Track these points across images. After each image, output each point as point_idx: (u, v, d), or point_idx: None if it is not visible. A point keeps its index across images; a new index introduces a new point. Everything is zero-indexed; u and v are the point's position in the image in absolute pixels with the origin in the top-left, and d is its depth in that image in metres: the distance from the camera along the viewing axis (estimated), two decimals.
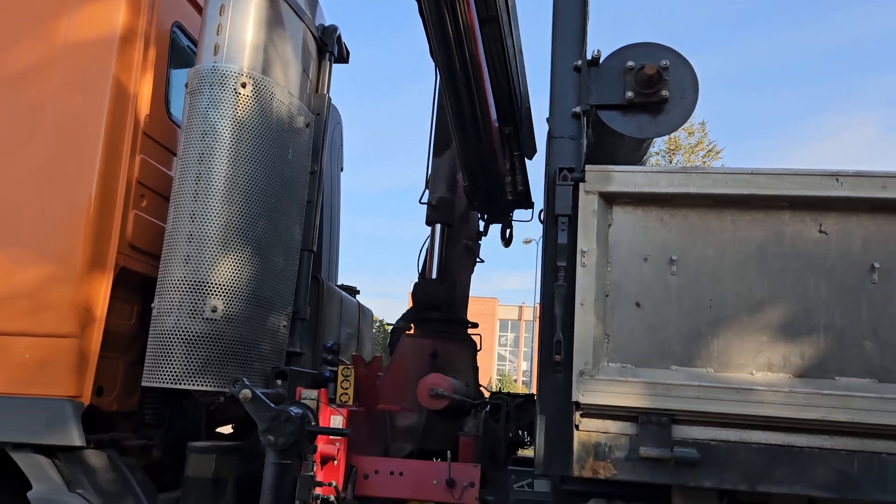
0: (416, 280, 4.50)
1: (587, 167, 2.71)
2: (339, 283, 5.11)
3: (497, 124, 3.92)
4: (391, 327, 5.03)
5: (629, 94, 2.81)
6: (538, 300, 2.83)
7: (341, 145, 5.47)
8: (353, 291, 5.15)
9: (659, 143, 24.34)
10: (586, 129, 2.88)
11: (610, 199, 2.72)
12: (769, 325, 2.58)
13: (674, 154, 25.91)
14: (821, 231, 2.61)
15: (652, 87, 2.78)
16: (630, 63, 2.81)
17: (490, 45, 3.41)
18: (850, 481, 2.46)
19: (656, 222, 2.70)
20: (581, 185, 2.71)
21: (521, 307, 61.17)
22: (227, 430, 4.01)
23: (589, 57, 2.86)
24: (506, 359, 59.65)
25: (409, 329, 4.61)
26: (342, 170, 5.67)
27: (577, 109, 2.83)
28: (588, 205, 2.70)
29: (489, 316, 47.81)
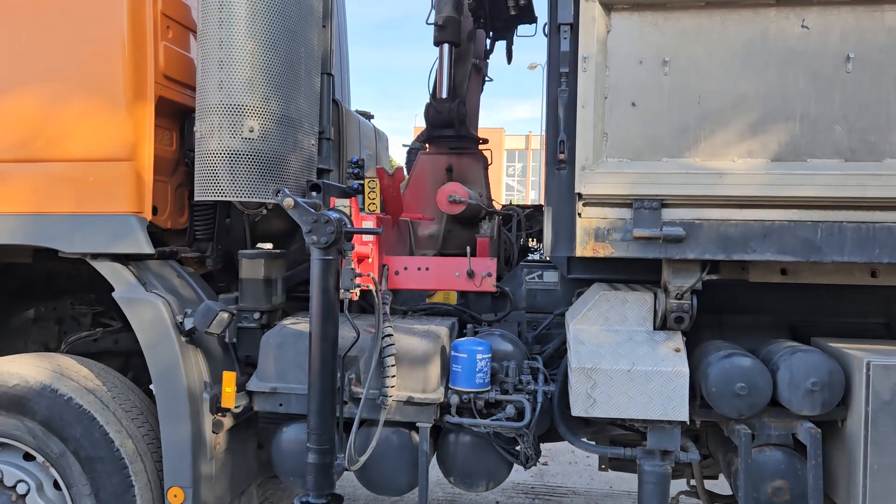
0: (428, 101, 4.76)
1: None
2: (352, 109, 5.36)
3: None
4: (407, 148, 5.35)
5: None
6: (546, 129, 3.13)
7: None
8: (367, 116, 5.41)
9: None
10: None
11: (608, 6, 2.92)
12: (751, 116, 2.88)
13: None
14: (803, 26, 2.83)
15: None
16: None
17: None
18: (814, 247, 2.88)
19: (651, 26, 2.92)
20: None
21: (527, 136, 60.78)
22: (266, 247, 4.46)
23: None
24: (514, 189, 60.34)
25: (424, 149, 4.94)
26: None
27: None
28: (588, 12, 2.91)
29: (496, 146, 47.56)
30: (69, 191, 3.30)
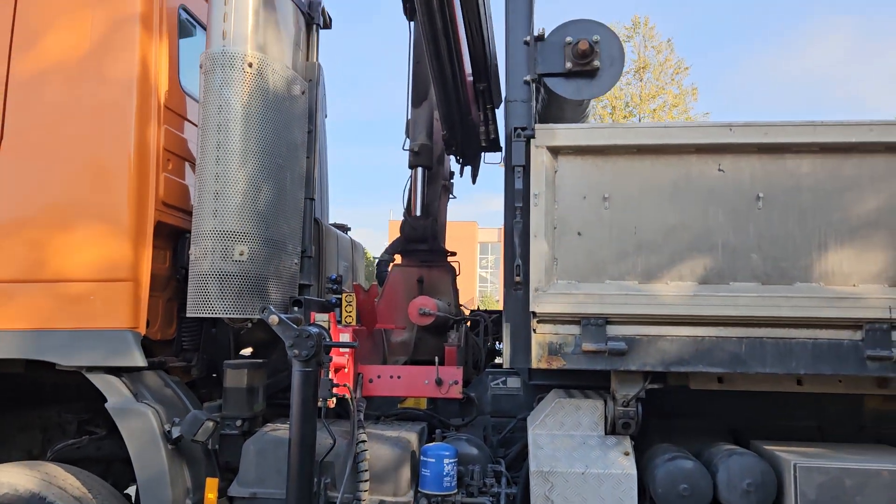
0: (403, 215, 5.21)
1: (536, 126, 3.38)
2: (330, 218, 5.77)
3: (472, 79, 4.55)
4: (376, 260, 5.75)
5: (568, 64, 3.45)
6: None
7: (324, 94, 6.02)
8: (344, 229, 5.83)
9: (628, 63, 24.60)
10: (538, 91, 3.53)
11: (555, 151, 3.39)
12: (680, 244, 3.32)
13: (643, 72, 26.20)
14: (719, 169, 3.32)
15: (586, 59, 3.42)
16: (568, 38, 3.44)
17: (468, 13, 3.99)
18: (740, 360, 3.26)
19: (592, 167, 3.39)
20: (532, 140, 3.38)
21: (500, 229, 61.89)
22: (247, 352, 4.74)
23: (536, 33, 3.48)
24: (487, 280, 60.98)
25: (393, 260, 5.35)
26: (326, 116, 6.25)
27: (528, 77, 3.47)
28: (538, 156, 3.38)
29: (469, 239, 48.79)
30: (71, 308, 3.59)
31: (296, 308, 3.84)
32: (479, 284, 57.06)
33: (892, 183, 3.20)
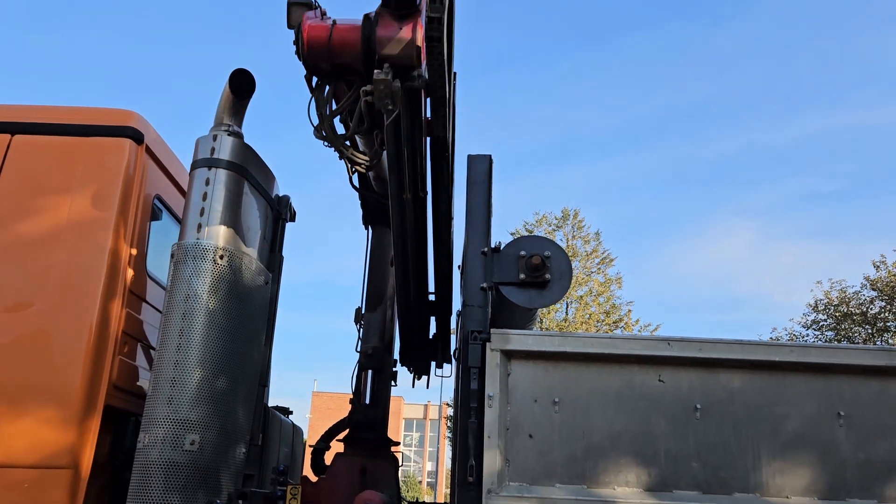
0: (350, 402, 5.26)
1: (492, 331, 3.61)
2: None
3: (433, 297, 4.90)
4: (312, 448, 5.69)
5: (522, 275, 3.77)
6: (443, 399, 3.69)
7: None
8: (286, 412, 5.76)
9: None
10: (493, 298, 3.81)
11: (509, 355, 3.60)
12: (625, 450, 3.48)
13: (571, 260, 27.66)
14: (660, 380, 3.58)
15: (538, 272, 3.76)
16: (522, 252, 3.80)
17: (439, 256, 4.40)
18: None
19: (543, 372, 3.60)
20: (487, 344, 3.59)
21: (426, 405, 61.01)
22: None
23: (493, 245, 3.83)
24: (411, 459, 58.84)
25: (328, 448, 5.33)
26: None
27: (484, 285, 3.76)
28: (493, 359, 3.57)
29: (394, 415, 47.57)
30: (1, 496, 3.40)
31: (240, 501, 3.73)
32: (403, 463, 54.92)
33: (812, 400, 3.52)
